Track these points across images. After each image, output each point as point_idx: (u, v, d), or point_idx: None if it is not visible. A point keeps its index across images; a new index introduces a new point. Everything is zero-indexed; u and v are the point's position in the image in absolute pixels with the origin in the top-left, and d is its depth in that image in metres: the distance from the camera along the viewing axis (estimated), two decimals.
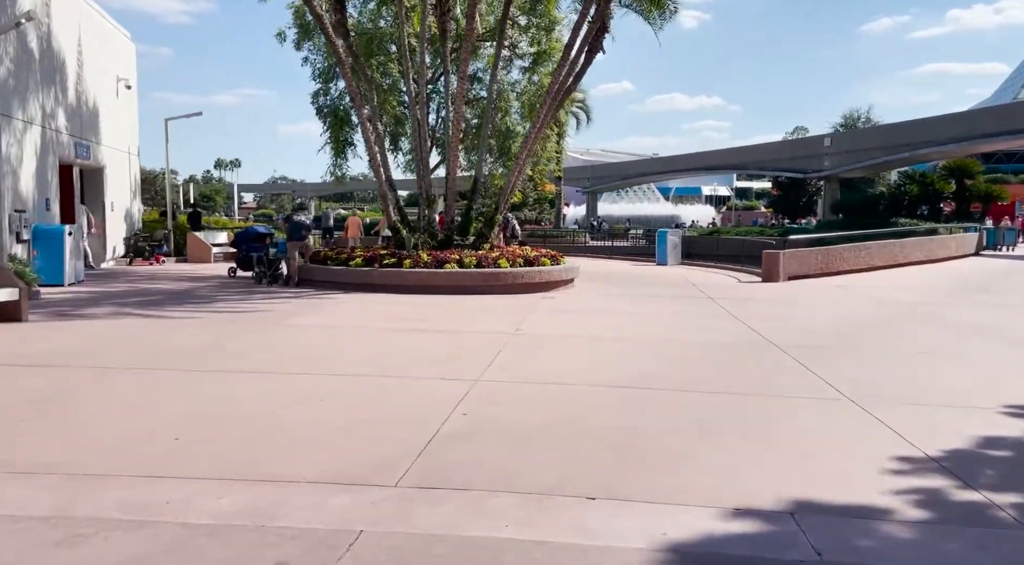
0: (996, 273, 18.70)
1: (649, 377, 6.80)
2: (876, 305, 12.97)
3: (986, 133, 29.06)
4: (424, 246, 15.28)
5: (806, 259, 17.55)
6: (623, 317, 11.18)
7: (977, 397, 6.11)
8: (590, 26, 15.45)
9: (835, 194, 38.58)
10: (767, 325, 10.13)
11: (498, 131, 24.58)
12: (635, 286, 16.24)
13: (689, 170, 55.10)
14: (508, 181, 15.99)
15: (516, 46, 25.64)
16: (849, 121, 67.22)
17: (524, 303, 12.45)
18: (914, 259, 20.03)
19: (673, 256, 23.10)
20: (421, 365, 7.15)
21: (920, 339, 9.23)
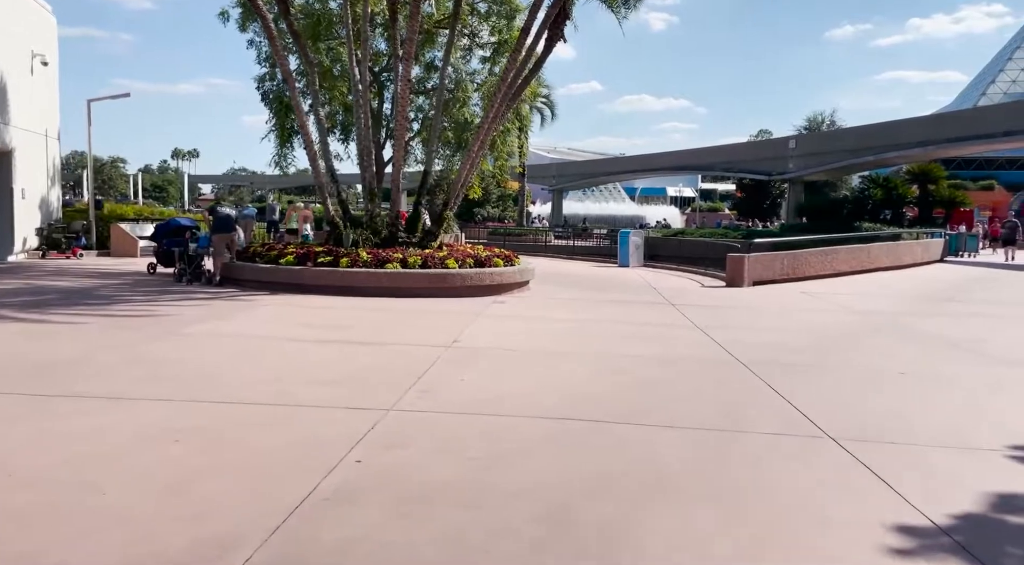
0: (963, 281, 18.13)
1: (598, 403, 5.78)
2: (846, 314, 12.15)
3: (950, 138, 28.78)
4: (366, 243, 14.10)
5: (771, 264, 16.76)
6: (577, 326, 10.16)
7: (974, 433, 5.20)
8: (549, 9, 14.41)
9: (799, 197, 38.20)
10: (732, 337, 9.20)
11: (456, 123, 23.44)
12: (594, 290, 15.26)
13: (655, 170, 54.50)
14: (460, 174, 14.87)
15: (476, 35, 24.51)
16: (813, 124, 67.43)
17: (471, 308, 11.37)
18: (881, 265, 19.41)
19: (635, 258, 22.22)
20: (328, 388, 6.02)
21: (898, 356, 8.36)
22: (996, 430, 5.30)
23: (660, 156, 54.53)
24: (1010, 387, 6.90)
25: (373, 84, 24.00)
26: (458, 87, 23.06)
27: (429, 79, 23.99)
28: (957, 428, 5.35)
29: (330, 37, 21.53)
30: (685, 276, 18.82)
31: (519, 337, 9.02)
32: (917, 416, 5.67)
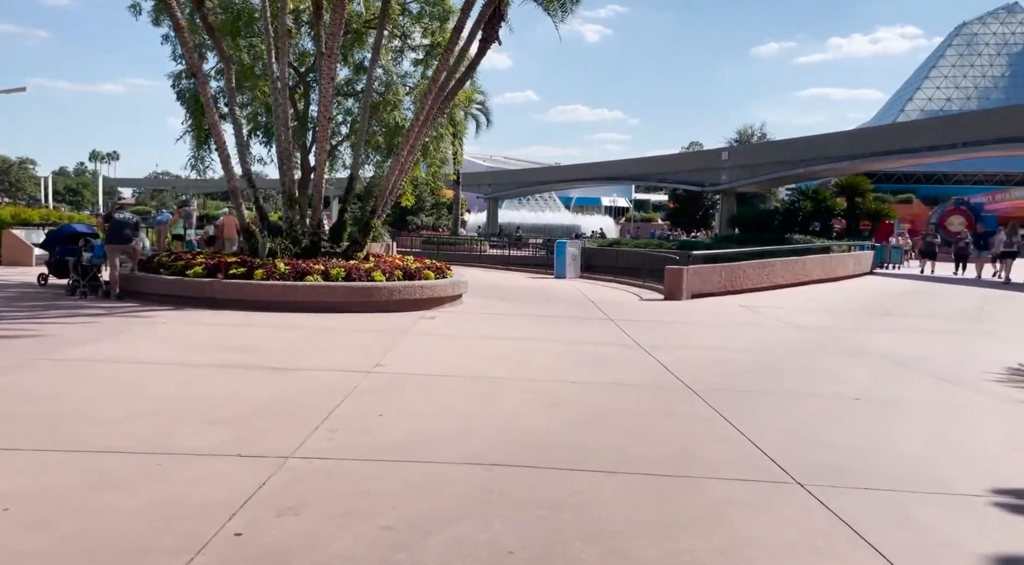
0: (896, 294, 18.25)
1: (537, 444, 5.04)
2: (789, 330, 11.80)
3: (877, 152, 29.44)
4: (285, 254, 13.04)
5: (710, 276, 16.44)
6: (512, 345, 9.42)
7: (951, 475, 4.67)
8: (484, 8, 13.70)
9: (732, 208, 38.61)
10: (676, 357, 8.63)
11: (387, 127, 22.49)
12: (530, 303, 14.58)
13: (591, 180, 54.52)
14: (388, 179, 13.97)
15: (408, 36, 23.64)
16: (743, 137, 68.97)
17: (397, 325, 10.50)
18: (815, 277, 19.41)
19: (572, 269, 21.70)
20: (218, 429, 5.09)
21: (848, 378, 7.92)
22: (971, 469, 4.80)
23: (595, 166, 54.60)
24: (967, 414, 6.48)
25: (299, 85, 22.86)
26: (389, 90, 22.14)
27: (358, 81, 23.00)
28: (931, 468, 4.82)
29: (252, 34, 20.30)
30: (623, 288, 18.36)
31: (449, 360, 8.20)
32: (885, 453, 5.13)
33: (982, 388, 7.48)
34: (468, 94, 29.46)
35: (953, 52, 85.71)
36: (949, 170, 69.67)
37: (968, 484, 4.46)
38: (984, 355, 9.70)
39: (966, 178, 71.33)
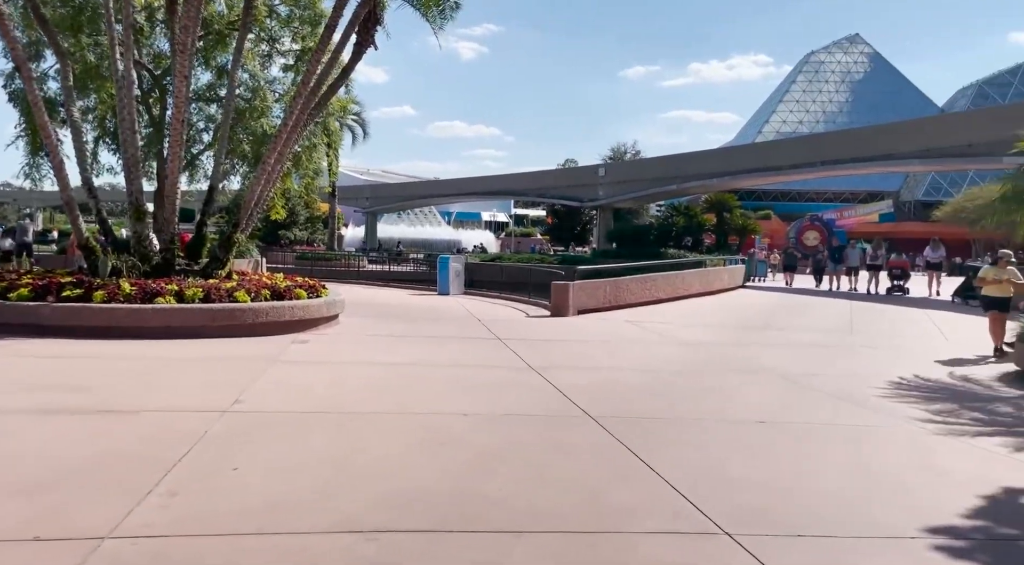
0: (770, 307, 18.78)
1: (420, 497, 4.26)
2: (678, 347, 11.60)
3: (745, 169, 30.77)
4: (133, 272, 11.53)
5: (595, 292, 16.21)
6: (393, 372, 8.55)
7: (884, 514, 4.29)
8: (358, 8, 12.82)
9: (609, 223, 39.28)
10: (570, 379, 8.09)
11: (254, 135, 21.01)
12: (413, 323, 13.71)
13: (471, 194, 54.15)
14: (254, 190, 12.74)
15: (277, 40, 22.26)
16: (617, 154, 71.04)
17: (264, 352, 9.37)
18: (694, 291, 19.70)
19: (456, 285, 20.95)
20: (19, 501, 3.98)
21: (746, 399, 7.65)
22: (900, 505, 4.45)
23: (476, 180, 54.32)
24: (873, 437, 6.28)
25: (154, 89, 20.97)
26: (256, 95, 20.69)
27: (222, 86, 21.35)
28: (860, 506, 4.43)
29: (98, 31, 18.33)
30: (508, 305, 17.83)
31: (322, 392, 7.24)
32: (808, 488, 4.73)
33: (876, 406, 7.39)
34: (343, 103, 28.26)
35: (803, 78, 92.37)
36: (803, 188, 74.69)
37: (903, 524, 4.08)
38: (866, 369, 9.82)
39: (817, 196, 76.71)
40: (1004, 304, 11.00)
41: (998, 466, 5.28)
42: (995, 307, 11.05)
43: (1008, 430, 6.40)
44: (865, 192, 74.35)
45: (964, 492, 4.59)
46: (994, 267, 11.46)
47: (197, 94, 21.32)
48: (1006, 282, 10.99)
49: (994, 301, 11.10)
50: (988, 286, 11.20)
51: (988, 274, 11.34)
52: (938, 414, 6.97)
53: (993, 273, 11.23)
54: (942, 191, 71.09)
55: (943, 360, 10.47)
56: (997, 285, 11.07)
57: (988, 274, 11.34)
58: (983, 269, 11.99)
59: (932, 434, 6.18)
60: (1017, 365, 9.32)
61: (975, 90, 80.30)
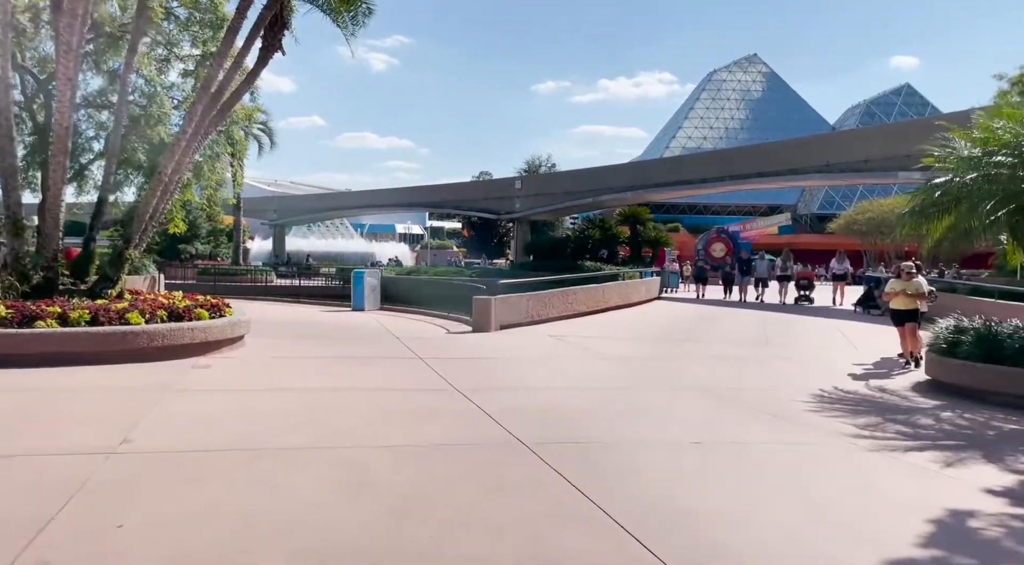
0: (687, 319, 18.96)
1: (340, 553, 3.74)
2: (605, 362, 11.40)
3: (657, 183, 31.37)
4: (10, 293, 10.38)
5: (518, 306, 15.90)
6: (306, 399, 7.90)
7: (842, 551, 4.06)
8: (264, 11, 12.11)
9: (526, 236, 39.25)
10: (499, 402, 7.69)
11: (150, 144, 19.67)
12: (327, 342, 12.99)
13: (386, 206, 53.13)
14: (149, 202, 11.76)
15: (175, 44, 21.04)
16: (532, 167, 71.56)
17: (159, 380, 8.53)
18: (613, 304, 19.71)
19: (371, 300, 20.22)
20: None
21: (680, 416, 7.46)
22: (856, 538, 4.21)
23: (390, 192, 53.38)
24: (812, 457, 6.14)
25: (38, 94, 19.42)
26: (152, 102, 19.42)
27: (115, 91, 19.95)
28: (814, 537, 4.21)
29: None
30: (428, 320, 17.28)
31: (226, 426, 6.55)
32: (760, 520, 4.46)
33: (805, 421, 7.34)
34: (248, 111, 27.04)
35: (706, 96, 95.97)
36: (709, 201, 77.43)
37: (863, 560, 3.86)
38: (787, 381, 9.86)
39: (722, 209, 79.68)
40: (913, 315, 11.13)
41: (936, 485, 5.20)
42: (905, 320, 11.14)
43: (933, 443, 6.42)
44: (766, 205, 77.67)
45: (913, 518, 4.44)
46: (899, 280, 11.46)
47: (87, 100, 19.84)
48: (912, 295, 11.09)
49: (903, 314, 11.20)
50: (895, 299, 11.27)
51: (894, 287, 11.36)
52: (865, 428, 6.96)
53: (899, 286, 11.27)
54: (835, 204, 75.17)
55: (858, 372, 10.67)
56: (904, 298, 11.17)
57: (894, 287, 11.36)
58: (889, 282, 11.93)
59: (865, 451, 6.10)
60: (928, 375, 9.55)
61: (863, 109, 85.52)
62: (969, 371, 8.49)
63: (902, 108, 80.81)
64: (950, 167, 9.05)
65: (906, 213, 9.45)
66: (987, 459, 5.83)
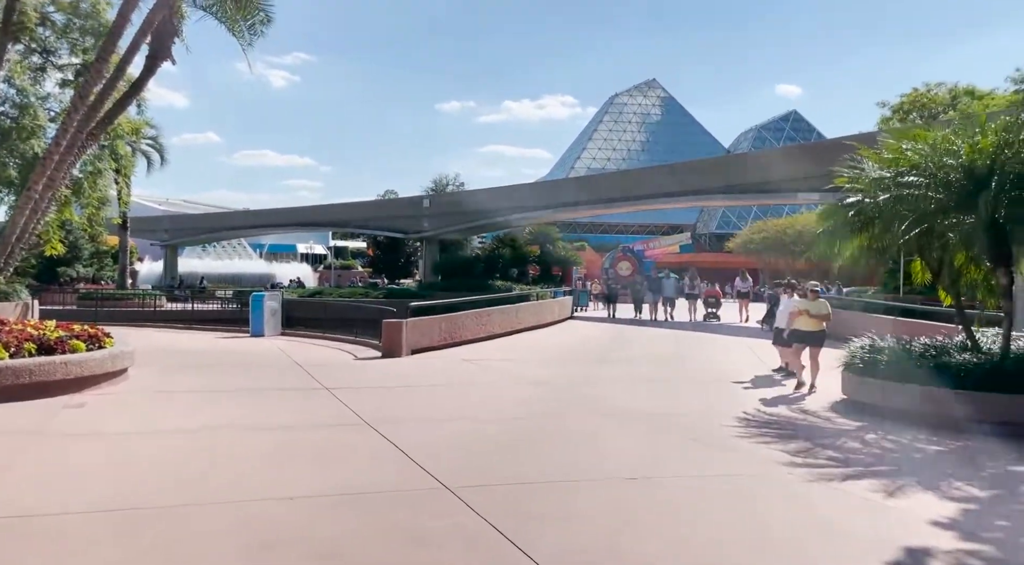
0: (602, 339, 18.83)
1: None
2: (525, 386, 10.95)
3: (567, 202, 31.49)
4: None
5: (430, 329, 15.28)
6: (196, 442, 7.02)
7: None
8: (151, 14, 11.13)
9: (435, 255, 38.54)
10: (415, 437, 7.11)
11: (23, 158, 18.00)
12: (221, 373, 11.95)
13: (287, 225, 51.01)
14: (16, 221, 10.49)
15: (53, 52, 19.46)
16: (439, 186, 70.88)
17: (26, 423, 7.47)
18: (527, 324, 19.39)
19: (271, 325, 19.06)
20: None
21: (612, 446, 7.07)
22: None
23: (292, 211, 51.42)
24: (749, 490, 5.84)
25: None
26: (25, 113, 17.79)
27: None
28: None
29: None
30: (334, 346, 16.37)
31: (102, 479, 5.64)
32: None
33: (737, 447, 7.09)
34: (135, 125, 25.36)
35: (608, 119, 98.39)
36: (613, 221, 79.01)
37: None
38: (711, 404, 9.68)
39: (626, 228, 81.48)
40: (820, 338, 10.64)
41: (886, 521, 4.93)
42: (810, 342, 10.63)
43: (868, 470, 6.26)
44: (667, 225, 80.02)
45: (873, 560, 4.16)
46: (804, 300, 10.97)
47: None
48: (817, 316, 10.62)
49: (807, 336, 10.66)
50: (800, 320, 10.75)
51: (799, 307, 10.85)
52: (797, 454, 6.76)
53: (804, 306, 10.77)
54: (731, 224, 78.36)
55: (776, 393, 10.61)
56: (809, 319, 10.65)
57: (799, 307, 10.85)
58: (793, 302, 11.34)
59: (805, 481, 5.86)
60: (845, 394, 9.59)
61: (755, 133, 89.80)
62: (887, 391, 8.53)
63: (790, 133, 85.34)
64: (860, 188, 9.16)
65: (821, 233, 9.50)
66: (923, 486, 5.69)
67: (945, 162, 8.25)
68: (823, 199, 22.26)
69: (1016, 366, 7.77)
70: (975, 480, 5.94)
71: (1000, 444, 7.18)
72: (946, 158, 8.28)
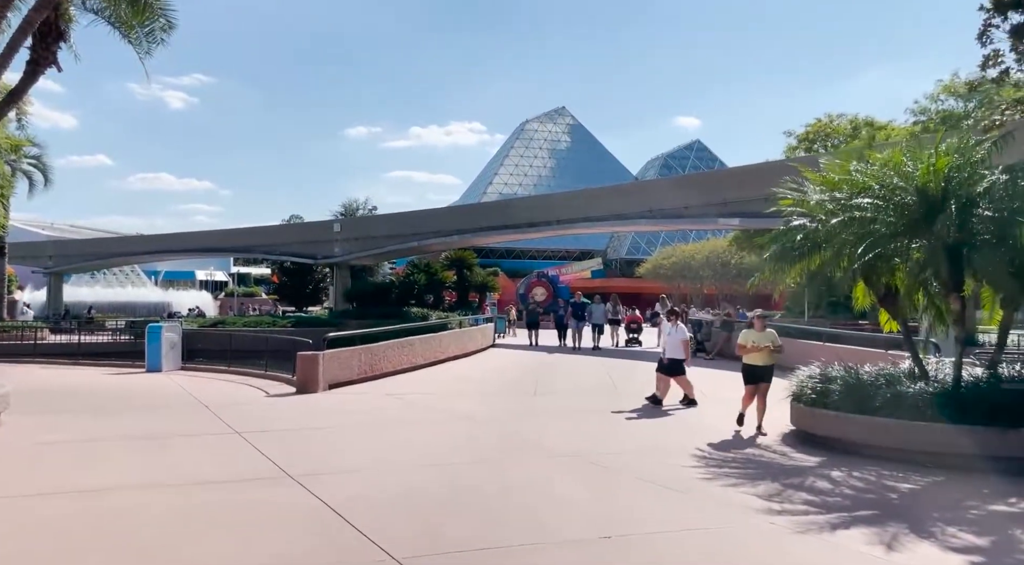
0: (528, 368, 18.09)
1: None
2: (459, 423, 10.12)
3: (483, 227, 30.89)
4: None
5: (349, 361, 14.20)
6: (82, 511, 5.85)
7: None
8: (31, 13, 9.86)
9: (347, 281, 37.10)
10: (345, 490, 6.31)
11: None
12: (114, 416, 10.56)
13: (186, 251, 48.09)
14: None
15: None
16: (349, 211, 69.20)
17: None
18: (451, 353, 18.54)
19: (171, 359, 17.45)
20: None
21: (569, 496, 6.37)
22: None
23: (190, 235, 48.62)
24: (736, 549, 5.29)
25: None
26: None
27: None
28: None
29: None
30: (240, 381, 15.01)
31: None
32: None
33: (705, 493, 6.55)
34: (15, 141, 23.20)
35: (520, 145, 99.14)
36: (525, 247, 79.21)
37: None
38: (660, 441, 9.18)
39: (538, 254, 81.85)
40: (770, 373, 9.48)
41: None
42: (761, 378, 9.41)
43: (850, 516, 5.79)
44: (579, 251, 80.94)
45: None
46: (752, 330, 9.77)
47: None
48: (767, 348, 9.50)
49: (757, 371, 9.45)
50: (750, 353, 9.53)
51: (748, 340, 9.67)
52: (771, 498, 6.27)
53: (753, 337, 9.61)
54: (641, 250, 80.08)
55: (721, 425, 10.14)
56: (759, 352, 9.49)
57: (748, 340, 9.67)
58: (742, 334, 10.08)
59: (792, 532, 5.34)
60: (795, 425, 9.28)
61: (661, 162, 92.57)
62: (842, 423, 8.23)
63: (695, 162, 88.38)
64: (805, 211, 8.94)
65: (767, 257, 9.21)
66: (917, 534, 5.28)
67: (896, 184, 8.11)
68: (743, 224, 22.74)
69: (974, 396, 7.60)
70: (964, 525, 5.58)
71: (969, 479, 6.94)
72: (896, 180, 8.14)
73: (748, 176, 21.88)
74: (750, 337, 9.75)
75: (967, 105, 22.66)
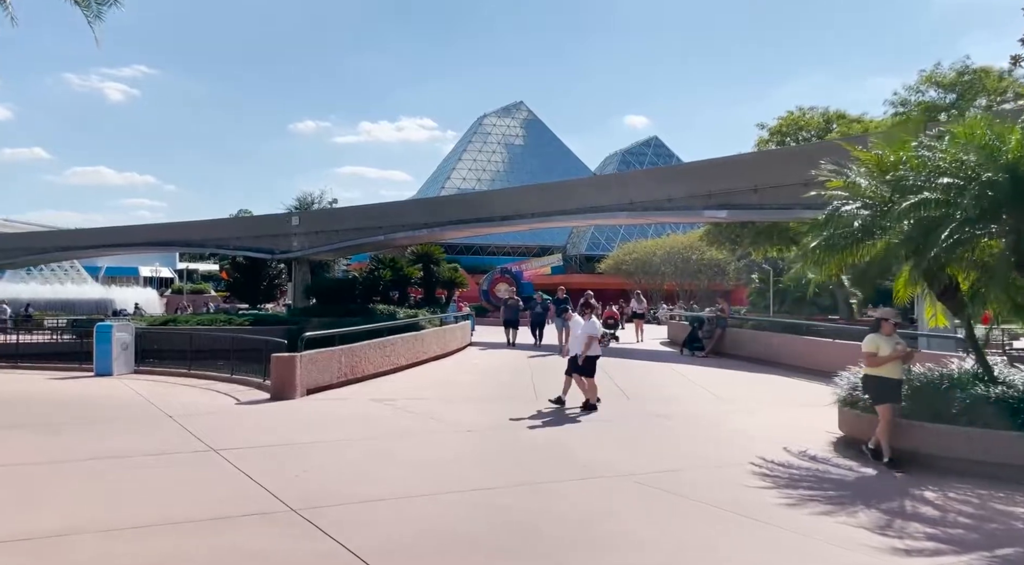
0: (521, 368, 16.91)
1: None
2: (461, 436, 8.91)
3: (454, 220, 29.56)
4: None
5: (329, 363, 12.85)
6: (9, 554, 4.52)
7: None
8: None
9: (306, 277, 35.30)
10: (366, 530, 5.14)
11: None
12: (60, 432, 9.04)
13: (130, 245, 45.41)
14: None
15: None
16: (305, 204, 66.95)
17: None
18: (433, 353, 17.27)
19: (122, 361, 15.78)
20: None
21: (630, 527, 5.29)
22: None
23: (139, 228, 46.00)
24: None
25: None
26: None
27: None
28: None
29: None
30: (204, 386, 13.51)
31: None
32: None
33: (796, 523, 5.56)
34: None
35: (477, 140, 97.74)
36: (485, 242, 77.95)
37: None
38: (700, 454, 8.19)
39: (498, 250, 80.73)
40: (899, 389, 7.66)
41: None
42: (894, 397, 7.56)
43: (996, 556, 4.87)
44: (538, 246, 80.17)
45: None
46: (880, 335, 7.76)
47: None
48: (899, 354, 7.64)
49: (893, 386, 7.60)
50: (882, 365, 7.61)
51: (878, 347, 7.64)
52: (883, 532, 5.31)
53: (883, 344, 7.66)
54: (600, 246, 79.57)
55: (757, 433, 9.24)
56: (893, 361, 7.62)
57: (878, 347, 7.64)
58: (868, 340, 7.83)
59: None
60: (844, 431, 8.39)
61: (619, 157, 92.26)
62: (917, 433, 7.33)
63: (652, 158, 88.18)
64: (862, 195, 8.04)
65: (813, 247, 8.27)
66: None
67: (973, 162, 7.24)
68: (731, 216, 21.99)
69: None
70: None
71: None
72: (973, 157, 7.27)
73: (736, 167, 21.10)
74: (879, 343, 7.71)
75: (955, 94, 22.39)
